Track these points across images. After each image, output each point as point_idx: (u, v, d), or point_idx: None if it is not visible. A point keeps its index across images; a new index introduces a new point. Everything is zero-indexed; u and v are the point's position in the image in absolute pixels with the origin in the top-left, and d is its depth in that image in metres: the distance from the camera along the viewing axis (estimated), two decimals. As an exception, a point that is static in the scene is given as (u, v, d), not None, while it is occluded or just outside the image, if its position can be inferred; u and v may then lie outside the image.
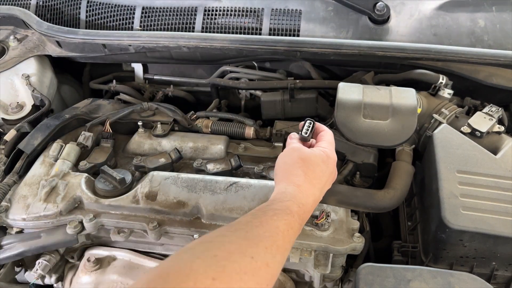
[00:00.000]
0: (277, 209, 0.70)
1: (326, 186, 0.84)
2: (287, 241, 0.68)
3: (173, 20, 1.43)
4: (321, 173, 0.81)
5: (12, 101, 1.29)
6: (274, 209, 0.70)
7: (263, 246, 0.63)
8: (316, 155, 0.82)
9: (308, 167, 0.80)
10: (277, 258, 0.64)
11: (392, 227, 1.22)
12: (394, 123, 1.04)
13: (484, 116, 1.07)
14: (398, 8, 1.34)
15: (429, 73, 1.18)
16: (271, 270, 0.63)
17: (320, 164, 0.82)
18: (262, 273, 0.61)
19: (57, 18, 1.52)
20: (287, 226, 0.68)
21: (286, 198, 0.73)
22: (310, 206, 0.77)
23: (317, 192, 0.80)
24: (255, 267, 0.61)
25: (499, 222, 0.85)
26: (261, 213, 0.69)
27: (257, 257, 0.61)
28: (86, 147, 1.15)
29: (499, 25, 1.28)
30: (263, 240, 0.64)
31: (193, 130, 1.24)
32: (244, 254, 0.61)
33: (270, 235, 0.65)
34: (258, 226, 0.66)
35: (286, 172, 0.80)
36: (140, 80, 1.58)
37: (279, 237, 0.66)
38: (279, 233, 0.66)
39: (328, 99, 1.37)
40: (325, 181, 0.82)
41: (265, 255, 0.63)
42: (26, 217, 0.98)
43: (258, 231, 0.65)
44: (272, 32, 1.37)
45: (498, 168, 0.94)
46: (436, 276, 0.76)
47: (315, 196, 0.79)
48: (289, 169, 0.80)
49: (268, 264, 0.62)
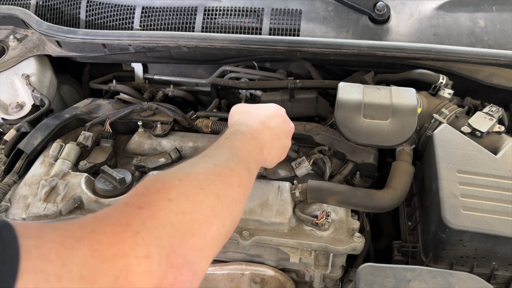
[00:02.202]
0: (227, 135, 0.80)
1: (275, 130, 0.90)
2: (245, 153, 0.75)
3: (173, 20, 1.43)
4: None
5: (12, 101, 1.29)
6: (226, 136, 0.80)
7: (224, 158, 0.70)
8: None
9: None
10: (240, 166, 0.71)
11: (392, 227, 1.22)
12: (394, 123, 1.04)
13: (484, 116, 1.07)
14: (398, 8, 1.34)
15: (429, 73, 1.18)
16: (236, 174, 0.68)
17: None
18: (226, 175, 0.66)
19: (57, 18, 1.52)
20: (242, 143, 0.77)
21: (234, 128, 0.84)
22: (259, 130, 0.84)
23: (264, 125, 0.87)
24: (219, 170, 0.66)
25: (499, 222, 0.85)
26: (215, 146, 0.77)
27: (220, 163, 0.68)
28: (86, 147, 1.15)
29: (499, 25, 1.28)
30: (223, 154, 0.72)
31: (193, 130, 1.24)
32: (207, 162, 0.68)
33: (228, 151, 0.73)
34: (217, 151, 0.74)
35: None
36: (140, 80, 1.58)
37: (236, 151, 0.74)
38: (236, 149, 0.75)
39: (328, 99, 1.37)
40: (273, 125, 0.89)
41: (227, 162, 0.69)
42: (26, 217, 0.98)
43: (216, 152, 0.73)
44: (272, 32, 1.37)
45: (498, 168, 0.94)
46: (436, 276, 0.76)
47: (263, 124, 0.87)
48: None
49: (232, 169, 0.68)
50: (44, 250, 0.43)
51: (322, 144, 1.12)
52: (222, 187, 0.64)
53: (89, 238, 0.46)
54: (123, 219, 0.51)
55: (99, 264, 0.45)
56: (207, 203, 0.60)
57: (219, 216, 0.61)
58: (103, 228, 0.48)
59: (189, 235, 0.55)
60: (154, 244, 0.50)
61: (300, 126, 1.16)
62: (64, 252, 0.44)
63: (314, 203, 0.98)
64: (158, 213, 0.53)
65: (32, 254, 0.41)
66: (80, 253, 0.44)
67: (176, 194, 0.58)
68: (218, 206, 0.62)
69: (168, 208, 0.55)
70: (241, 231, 0.93)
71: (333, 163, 1.11)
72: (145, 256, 0.49)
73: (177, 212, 0.55)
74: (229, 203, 0.64)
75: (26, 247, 0.41)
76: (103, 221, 0.50)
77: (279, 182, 0.99)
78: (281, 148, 0.92)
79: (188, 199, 0.58)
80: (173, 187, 0.59)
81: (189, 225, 0.56)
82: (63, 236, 0.46)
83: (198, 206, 0.59)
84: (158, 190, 0.57)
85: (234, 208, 0.65)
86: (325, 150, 1.10)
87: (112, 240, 0.47)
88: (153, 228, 0.51)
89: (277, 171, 1.03)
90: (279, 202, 0.95)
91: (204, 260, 0.58)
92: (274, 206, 0.95)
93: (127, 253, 0.47)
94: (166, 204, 0.55)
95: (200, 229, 0.57)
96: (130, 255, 0.47)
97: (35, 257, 0.41)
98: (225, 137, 0.79)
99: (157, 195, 0.56)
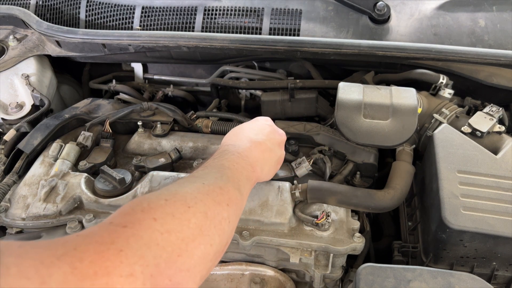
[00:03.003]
0: (216, 156, 0.80)
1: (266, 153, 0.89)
2: (234, 172, 0.75)
3: (173, 20, 1.43)
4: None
5: (11, 101, 1.29)
6: (214, 157, 0.80)
7: (213, 177, 0.70)
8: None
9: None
10: (229, 184, 0.70)
11: (392, 227, 1.22)
12: (394, 123, 1.04)
13: (484, 116, 1.07)
14: (399, 8, 1.34)
15: (429, 73, 1.18)
16: (225, 192, 0.67)
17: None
18: (215, 194, 0.65)
19: (57, 18, 1.52)
20: (231, 162, 0.77)
21: (222, 149, 0.84)
22: (248, 148, 0.84)
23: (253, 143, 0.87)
24: (207, 189, 0.65)
25: (499, 222, 0.85)
26: (203, 167, 0.76)
27: (208, 183, 0.67)
28: (86, 147, 1.15)
29: (500, 25, 1.28)
30: (211, 174, 0.72)
31: (193, 130, 1.24)
32: (195, 182, 0.67)
33: (216, 171, 0.73)
34: (205, 171, 0.74)
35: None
36: (140, 80, 1.58)
37: (225, 170, 0.74)
38: (225, 168, 0.74)
39: (328, 99, 1.36)
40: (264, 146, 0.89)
41: (216, 180, 0.69)
42: (26, 217, 0.98)
43: (205, 172, 0.73)
44: (272, 32, 1.37)
45: (498, 168, 0.94)
46: (436, 276, 0.76)
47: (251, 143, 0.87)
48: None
49: (221, 187, 0.67)
50: (23, 268, 0.42)
51: (322, 144, 1.12)
52: (211, 205, 0.63)
53: (70, 256, 0.45)
54: (106, 237, 0.50)
55: (80, 282, 0.44)
56: (195, 221, 0.59)
57: (207, 235, 0.60)
58: (86, 246, 0.47)
59: (175, 255, 0.54)
60: (138, 263, 0.49)
61: (300, 126, 1.16)
62: (43, 270, 0.43)
63: (314, 203, 0.98)
64: (142, 232, 0.53)
65: (11, 271, 0.41)
66: (61, 271, 0.44)
67: (161, 214, 0.57)
68: (206, 225, 0.60)
69: (153, 227, 0.54)
70: (241, 231, 0.92)
71: (333, 163, 1.11)
72: (129, 275, 0.48)
73: (162, 231, 0.54)
74: (218, 222, 0.63)
75: (5, 264, 0.41)
76: (86, 239, 0.49)
77: (279, 182, 0.99)
78: (275, 160, 0.92)
79: (174, 217, 0.57)
80: (158, 206, 0.58)
81: (175, 245, 0.55)
82: (44, 254, 0.45)
83: (185, 225, 0.58)
84: (143, 209, 0.56)
85: (223, 227, 0.64)
86: (325, 150, 1.10)
87: (94, 258, 0.46)
88: (137, 247, 0.50)
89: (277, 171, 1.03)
90: (279, 202, 0.95)
91: (191, 281, 0.56)
92: (274, 206, 0.95)
93: (109, 272, 0.46)
94: (151, 223, 0.55)
95: (187, 248, 0.56)
96: (112, 274, 0.46)
97: (13, 275, 0.41)
98: (213, 158, 0.78)
99: (142, 214, 0.55)
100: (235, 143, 0.86)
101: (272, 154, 0.90)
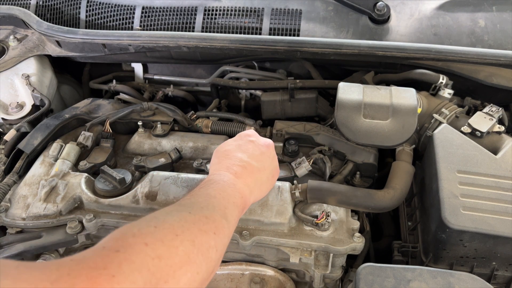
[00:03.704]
0: (202, 186, 0.79)
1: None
2: (220, 200, 0.74)
3: (173, 20, 1.43)
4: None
5: (12, 101, 1.29)
6: (200, 186, 0.79)
7: (199, 206, 0.70)
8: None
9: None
10: (215, 213, 0.70)
11: (392, 227, 1.22)
12: (394, 123, 1.04)
13: (484, 116, 1.07)
14: (398, 8, 1.34)
15: (429, 73, 1.18)
16: (211, 221, 0.68)
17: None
18: (201, 223, 0.66)
19: (57, 18, 1.52)
20: (217, 191, 0.76)
21: (209, 178, 0.82)
22: (233, 176, 0.82)
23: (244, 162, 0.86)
24: (193, 218, 0.66)
25: (499, 222, 0.85)
26: (190, 195, 0.76)
27: (194, 212, 0.68)
28: (86, 147, 1.15)
29: (500, 25, 1.28)
30: (197, 203, 0.71)
31: (193, 130, 1.24)
32: (182, 210, 0.68)
33: (203, 200, 0.73)
34: (192, 200, 0.74)
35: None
36: (140, 80, 1.58)
37: (211, 199, 0.73)
38: (211, 197, 0.74)
39: (328, 99, 1.37)
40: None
41: (202, 210, 0.69)
42: (26, 217, 0.98)
43: (191, 201, 0.73)
44: (272, 32, 1.37)
45: (498, 168, 0.94)
46: (436, 276, 0.76)
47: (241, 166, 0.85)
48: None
49: (207, 216, 0.68)
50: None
51: (322, 144, 1.12)
52: (198, 234, 0.64)
53: (64, 281, 0.46)
54: (99, 262, 0.51)
55: None
56: (183, 249, 0.59)
57: (194, 263, 0.60)
58: (79, 272, 0.48)
59: (163, 281, 0.55)
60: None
61: (300, 126, 1.16)
62: None
63: (314, 203, 0.98)
64: (134, 256, 0.53)
65: None
66: None
67: (152, 239, 0.58)
68: (193, 253, 0.61)
69: (144, 252, 0.55)
70: (241, 231, 0.93)
71: (333, 163, 1.11)
72: None
73: (153, 256, 0.55)
74: (205, 250, 0.63)
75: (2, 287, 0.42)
76: (80, 264, 0.50)
77: (279, 182, 0.99)
78: (266, 176, 0.89)
79: (164, 244, 0.58)
80: (148, 232, 0.59)
81: (163, 271, 0.56)
82: (39, 279, 0.46)
83: (173, 252, 0.58)
84: (133, 234, 0.57)
85: (210, 255, 0.64)
86: (325, 150, 1.10)
87: (87, 285, 0.47)
88: (129, 271, 0.51)
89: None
90: (279, 202, 0.95)
91: None
92: (274, 206, 0.95)
93: None
94: (142, 248, 0.55)
95: (174, 275, 0.57)
96: None
97: None
98: (200, 187, 0.78)
99: (133, 239, 0.56)
100: (220, 172, 0.84)
101: (261, 173, 0.87)
